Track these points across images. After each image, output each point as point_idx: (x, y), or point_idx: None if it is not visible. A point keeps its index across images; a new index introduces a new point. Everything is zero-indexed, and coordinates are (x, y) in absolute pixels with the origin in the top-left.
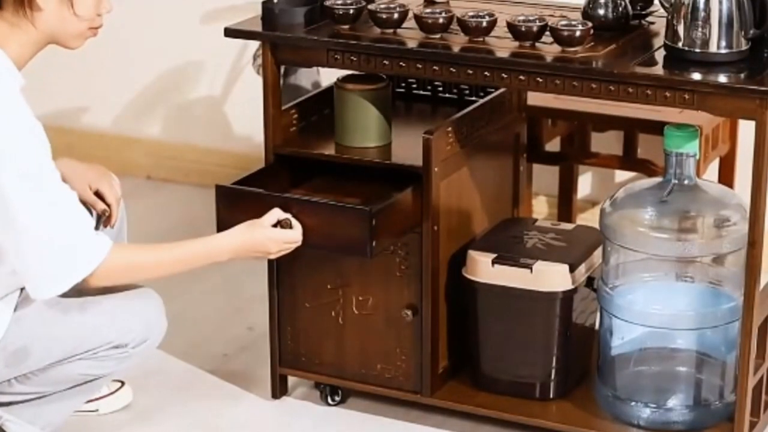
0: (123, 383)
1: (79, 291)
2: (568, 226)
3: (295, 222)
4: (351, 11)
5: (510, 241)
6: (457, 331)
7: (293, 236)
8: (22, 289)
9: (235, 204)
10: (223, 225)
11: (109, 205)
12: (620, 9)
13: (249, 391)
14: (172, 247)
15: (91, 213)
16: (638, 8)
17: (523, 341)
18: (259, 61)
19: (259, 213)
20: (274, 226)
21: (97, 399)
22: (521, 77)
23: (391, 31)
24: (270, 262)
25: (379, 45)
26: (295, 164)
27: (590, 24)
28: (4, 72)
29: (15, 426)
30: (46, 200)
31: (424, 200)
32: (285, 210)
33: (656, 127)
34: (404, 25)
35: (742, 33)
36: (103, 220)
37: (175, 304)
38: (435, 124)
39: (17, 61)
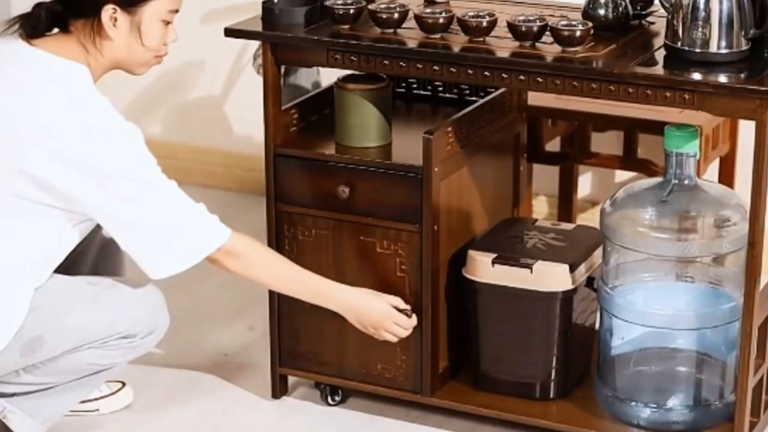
0: (124, 384)
1: (90, 282)
2: (568, 226)
3: (414, 316)
4: (351, 11)
5: (510, 241)
6: (457, 331)
7: (406, 322)
8: None
9: (294, 172)
10: (280, 194)
11: None
12: (620, 9)
13: (249, 391)
14: (294, 267)
15: None
16: (638, 8)
17: (523, 341)
18: (259, 61)
19: (318, 182)
20: None
21: (97, 399)
22: (521, 77)
23: (392, 31)
24: None
25: (380, 45)
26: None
27: (590, 24)
28: (93, 88)
29: (15, 417)
30: (159, 193)
31: (424, 200)
32: (348, 177)
33: (656, 127)
34: (404, 25)
35: (742, 33)
36: None
37: (176, 304)
38: (435, 124)
39: None
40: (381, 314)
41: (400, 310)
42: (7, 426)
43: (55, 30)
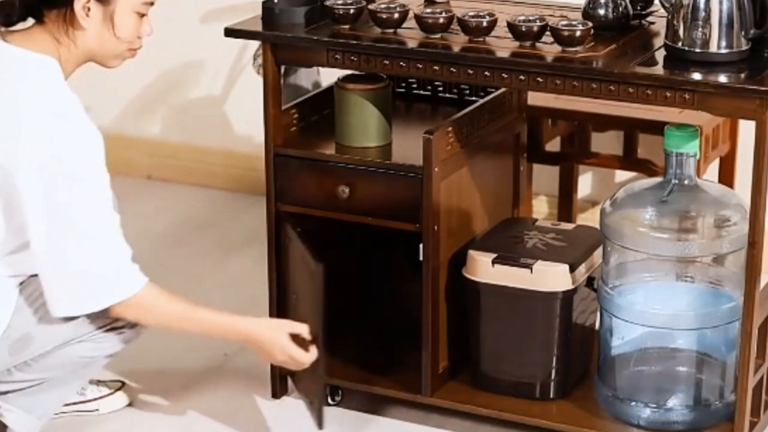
0: (123, 383)
1: None
2: (568, 226)
3: (313, 349)
4: (351, 11)
5: (510, 241)
6: (457, 331)
7: (301, 358)
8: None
9: (294, 172)
10: (280, 194)
11: None
12: (620, 9)
13: (249, 391)
14: (189, 307)
15: None
16: (638, 8)
17: (523, 341)
18: (259, 61)
19: (318, 182)
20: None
21: (97, 399)
22: (521, 77)
23: (392, 31)
24: (270, 260)
25: (380, 45)
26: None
27: (590, 24)
28: (62, 83)
29: (12, 414)
30: (94, 218)
31: (424, 200)
32: (348, 177)
33: (656, 127)
34: (404, 25)
35: (743, 33)
36: None
37: None
38: (435, 124)
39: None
40: (277, 350)
41: (302, 340)
42: (5, 424)
43: (30, 21)
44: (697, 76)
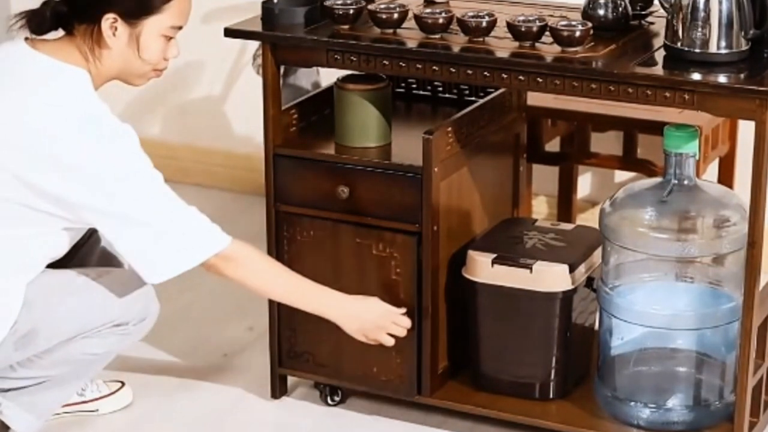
0: (123, 383)
1: (80, 273)
2: (568, 226)
3: (407, 318)
4: (351, 11)
5: (510, 241)
6: (457, 331)
7: (404, 322)
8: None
9: (294, 172)
10: (280, 194)
11: None
12: (620, 9)
13: (249, 391)
14: (294, 275)
15: None
16: (638, 8)
17: (523, 341)
18: (259, 61)
19: (318, 182)
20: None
21: (97, 399)
22: (521, 77)
23: (391, 31)
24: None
25: (379, 45)
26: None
27: (590, 24)
28: (92, 93)
29: (11, 412)
30: (158, 195)
31: (424, 200)
32: (347, 177)
33: (656, 127)
34: (404, 26)
35: (742, 33)
36: None
37: (176, 303)
38: (435, 124)
39: None
40: (381, 314)
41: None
42: (4, 422)
43: (60, 32)
44: (696, 76)
